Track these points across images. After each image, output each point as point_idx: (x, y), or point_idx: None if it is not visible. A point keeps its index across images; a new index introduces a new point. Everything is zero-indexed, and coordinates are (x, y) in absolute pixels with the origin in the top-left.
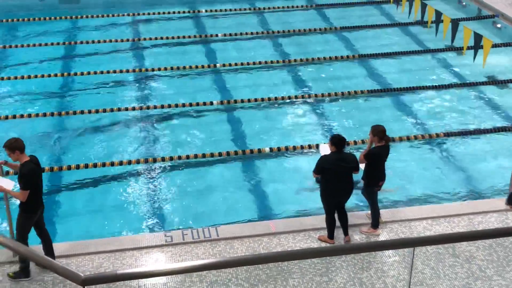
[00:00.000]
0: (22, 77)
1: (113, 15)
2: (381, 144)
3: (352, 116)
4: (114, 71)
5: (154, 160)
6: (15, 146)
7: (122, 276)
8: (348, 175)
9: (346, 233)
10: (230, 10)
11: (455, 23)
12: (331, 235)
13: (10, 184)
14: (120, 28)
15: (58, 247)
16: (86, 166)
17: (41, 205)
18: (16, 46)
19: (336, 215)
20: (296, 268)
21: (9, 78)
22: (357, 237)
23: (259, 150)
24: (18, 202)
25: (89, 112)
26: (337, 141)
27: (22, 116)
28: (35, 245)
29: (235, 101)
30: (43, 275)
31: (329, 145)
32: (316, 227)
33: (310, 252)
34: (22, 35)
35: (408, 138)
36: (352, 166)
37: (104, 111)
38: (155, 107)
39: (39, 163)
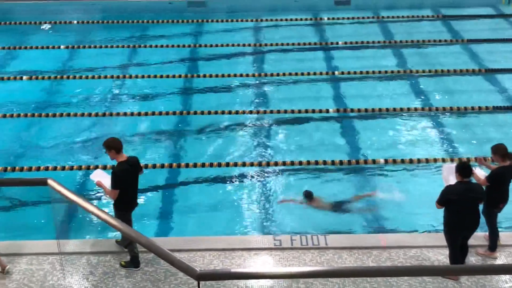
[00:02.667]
0: (149, 76)
1: (236, 20)
2: (505, 164)
3: (473, 132)
4: (235, 75)
5: (268, 164)
6: (111, 145)
7: (235, 274)
8: (475, 206)
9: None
10: (353, 18)
11: None
12: None
13: (110, 182)
14: (242, 33)
15: (172, 241)
16: (203, 165)
17: (134, 204)
18: (145, 46)
19: None
20: (406, 285)
21: (136, 77)
22: (472, 259)
23: (373, 161)
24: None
25: (209, 113)
26: (463, 169)
27: (146, 113)
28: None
29: (352, 110)
30: (156, 267)
31: (454, 172)
32: (428, 244)
33: (421, 269)
34: (150, 36)
35: None
36: (479, 197)
37: (223, 113)
38: (271, 112)
39: (137, 163)
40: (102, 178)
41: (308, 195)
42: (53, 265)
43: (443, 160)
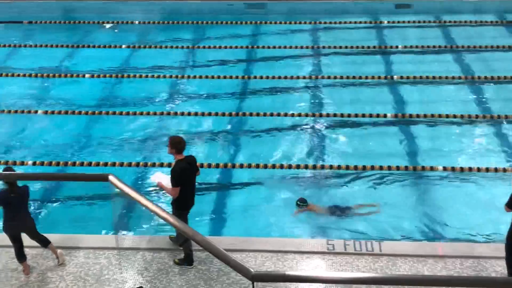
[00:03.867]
0: (206, 77)
1: (295, 22)
2: None
3: None
4: (291, 77)
5: (322, 167)
6: (175, 143)
7: (290, 277)
8: None
9: None
10: (414, 22)
11: None
12: None
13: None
14: (300, 35)
15: (224, 240)
16: (257, 166)
17: (191, 202)
18: (203, 47)
19: None
20: None
21: (194, 77)
22: None
23: (431, 168)
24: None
25: (264, 114)
26: None
27: (203, 114)
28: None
29: (410, 115)
30: (209, 265)
31: None
32: (488, 255)
33: (478, 280)
34: (209, 37)
35: None
36: None
37: (278, 115)
38: (327, 115)
39: (195, 162)
40: (162, 179)
41: (303, 201)
42: (109, 260)
43: (504, 170)
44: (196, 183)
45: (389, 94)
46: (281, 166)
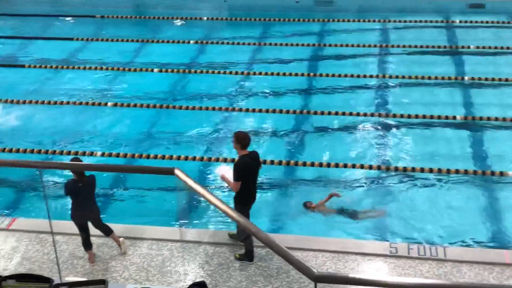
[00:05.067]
0: (272, 74)
1: (364, 20)
2: None
3: None
4: (358, 76)
5: (387, 168)
6: (240, 139)
7: (353, 280)
8: None
9: None
10: (487, 22)
11: None
12: None
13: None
14: (369, 33)
15: (286, 238)
16: (321, 164)
17: (253, 198)
18: (270, 44)
19: None
20: None
21: (260, 74)
22: None
23: (501, 173)
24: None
25: (329, 113)
26: None
27: (267, 110)
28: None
29: (481, 118)
30: (269, 263)
31: None
32: None
33: None
34: (276, 34)
35: None
36: None
37: (344, 114)
38: (394, 115)
39: (258, 158)
40: (226, 172)
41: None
42: (172, 252)
43: None
44: (258, 179)
45: (459, 96)
46: (345, 166)
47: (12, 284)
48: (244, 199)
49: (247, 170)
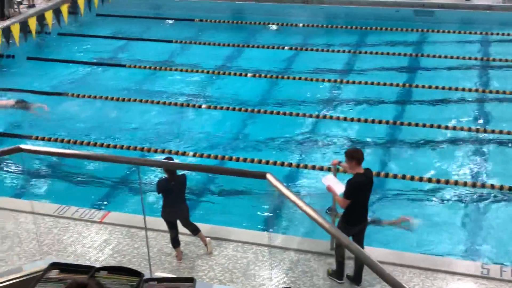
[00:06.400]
0: (366, 83)
1: (464, 32)
2: None
3: None
4: (456, 88)
5: (483, 185)
6: (354, 155)
7: None
8: None
9: None
10: None
11: None
12: None
13: (341, 188)
14: (469, 46)
15: (375, 251)
16: (412, 178)
17: (362, 221)
18: (365, 53)
19: None
20: None
21: (353, 82)
22: None
23: None
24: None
25: (423, 125)
26: None
27: (359, 120)
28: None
29: None
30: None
31: None
32: None
33: None
34: (372, 43)
35: None
36: None
37: (438, 127)
38: (492, 131)
39: (372, 177)
40: (334, 183)
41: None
42: (256, 255)
43: None
44: None
45: None
46: (438, 181)
47: (104, 275)
48: (350, 218)
49: (361, 190)
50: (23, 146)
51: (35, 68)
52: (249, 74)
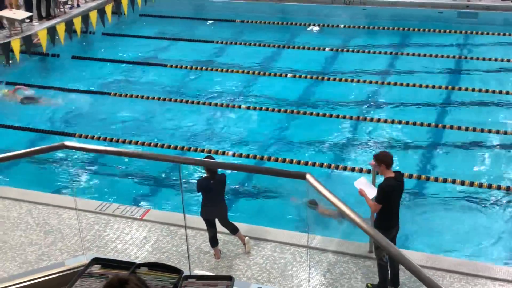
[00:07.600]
0: (407, 85)
1: (510, 34)
2: None
3: None
4: (500, 92)
5: None
6: (382, 159)
7: None
8: None
9: None
10: None
11: None
12: None
13: (373, 192)
14: None
15: (414, 255)
16: (454, 181)
17: (394, 225)
18: (407, 54)
19: None
20: None
21: (395, 84)
22: None
23: None
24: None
25: (466, 129)
26: None
27: (400, 122)
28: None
29: None
30: None
31: None
32: None
33: None
34: (414, 44)
35: None
36: None
37: (482, 130)
38: None
39: (403, 180)
40: (366, 187)
41: (313, 203)
42: (294, 256)
43: None
44: None
45: None
46: (480, 185)
47: (144, 271)
48: (383, 223)
49: (393, 194)
50: (67, 143)
51: (79, 67)
52: (289, 75)
